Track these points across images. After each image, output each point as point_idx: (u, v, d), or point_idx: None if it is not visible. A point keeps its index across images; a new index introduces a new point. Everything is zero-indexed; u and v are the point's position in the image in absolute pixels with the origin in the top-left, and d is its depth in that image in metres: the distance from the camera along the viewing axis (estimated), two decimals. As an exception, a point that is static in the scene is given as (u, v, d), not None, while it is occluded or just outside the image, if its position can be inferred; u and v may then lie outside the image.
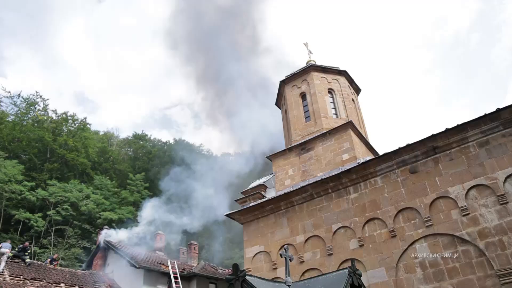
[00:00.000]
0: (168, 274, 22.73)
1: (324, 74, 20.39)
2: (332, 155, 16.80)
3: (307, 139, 18.11)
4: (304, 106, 19.95)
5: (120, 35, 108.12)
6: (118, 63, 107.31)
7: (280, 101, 22.41)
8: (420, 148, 13.17)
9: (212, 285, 24.67)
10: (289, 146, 18.77)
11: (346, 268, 6.38)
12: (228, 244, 50.04)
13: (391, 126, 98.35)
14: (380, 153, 14.99)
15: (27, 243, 23.45)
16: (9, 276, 19.07)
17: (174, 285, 22.13)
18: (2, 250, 19.97)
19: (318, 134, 17.67)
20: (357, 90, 21.55)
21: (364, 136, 18.06)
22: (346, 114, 18.94)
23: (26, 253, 21.97)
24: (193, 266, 26.65)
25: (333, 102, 19.59)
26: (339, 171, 15.06)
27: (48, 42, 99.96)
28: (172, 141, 68.02)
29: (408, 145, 13.29)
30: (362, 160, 15.05)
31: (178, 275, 22.65)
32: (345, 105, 19.37)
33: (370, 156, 16.37)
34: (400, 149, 13.49)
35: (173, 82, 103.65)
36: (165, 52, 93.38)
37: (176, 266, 23.40)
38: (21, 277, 19.45)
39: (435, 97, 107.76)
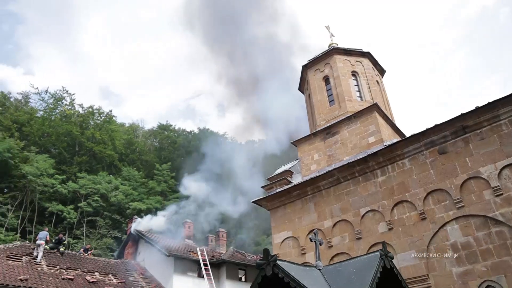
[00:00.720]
0: (197, 261, 23.03)
1: (347, 56, 20.03)
2: (357, 138, 16.57)
3: (331, 123, 17.90)
4: (327, 90, 19.69)
5: (140, 28, 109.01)
6: (140, 56, 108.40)
7: (303, 86, 22.20)
8: (449, 128, 12.83)
9: (241, 271, 24.91)
10: (314, 131, 18.61)
11: (377, 251, 6.29)
12: (256, 230, 50.31)
13: (417, 108, 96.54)
14: (407, 135, 14.70)
15: (61, 235, 24.33)
16: (46, 265, 19.69)
17: (204, 272, 22.42)
18: (38, 242, 20.66)
19: (343, 117, 17.44)
20: (381, 71, 21.12)
21: (390, 118, 17.75)
22: (370, 96, 18.61)
23: (62, 244, 22.75)
24: (222, 253, 26.92)
25: (357, 85, 19.27)
26: (366, 155, 14.86)
27: (72, 39, 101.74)
28: (196, 131, 68.52)
29: (437, 126, 12.97)
30: (388, 143, 14.79)
31: (208, 262, 22.92)
32: (369, 87, 19.02)
33: (396, 138, 16.07)
34: (428, 130, 13.18)
35: (195, 72, 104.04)
36: (186, 42, 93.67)
37: (205, 253, 23.68)
38: (57, 266, 20.05)
39: (462, 76, 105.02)
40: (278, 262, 5.76)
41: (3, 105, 53.44)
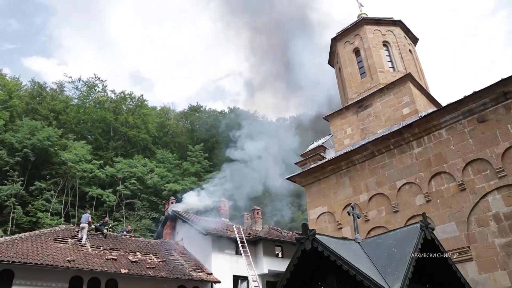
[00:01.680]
0: (234, 239, 23.37)
1: (377, 26, 19.47)
2: (391, 110, 16.22)
3: (364, 96, 17.57)
4: (358, 62, 19.25)
5: (167, 11, 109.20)
6: (168, 40, 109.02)
7: (332, 60, 21.80)
8: (489, 95, 12.35)
9: (278, 248, 25.15)
10: (346, 105, 18.34)
11: (417, 222, 6.19)
12: (290, 207, 50.54)
13: (454, 76, 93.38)
14: (443, 104, 14.26)
15: (106, 219, 25.52)
16: (91, 247, 20.45)
17: (241, 249, 22.75)
18: (82, 225, 21.47)
19: (375, 90, 17.07)
20: (414, 40, 20.45)
21: (425, 88, 17.24)
22: (403, 66, 18.09)
23: (106, 227, 23.71)
24: (257, 230, 27.21)
25: (389, 55, 18.74)
26: (400, 126, 14.56)
27: (100, 27, 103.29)
28: (227, 110, 68.75)
29: (475, 93, 12.51)
30: (424, 113, 14.41)
31: (244, 240, 23.23)
32: (402, 57, 18.47)
33: (432, 109, 15.61)
34: (465, 97, 12.74)
35: (223, 53, 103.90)
36: (213, 24, 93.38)
37: (241, 231, 23.99)
38: (101, 247, 20.79)
39: (503, 40, 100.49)
40: (317, 236, 5.76)
41: (40, 95, 55.08)
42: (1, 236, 25.04)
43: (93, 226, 23.15)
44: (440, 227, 12.39)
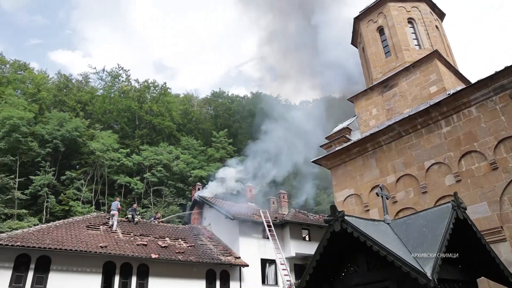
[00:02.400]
0: (261, 223, 23.53)
1: (401, 3, 18.93)
2: (418, 89, 15.85)
3: (389, 75, 17.22)
4: (382, 41, 18.82)
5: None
6: (189, 27, 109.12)
7: (355, 39, 21.40)
8: (521, 70, 11.92)
9: (304, 231, 25.21)
10: (371, 85, 18.02)
11: (448, 202, 6.07)
12: (316, 190, 50.48)
13: (483, 51, 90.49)
14: (473, 81, 13.85)
15: (135, 205, 26.15)
16: (121, 233, 20.95)
17: (268, 233, 22.91)
18: (112, 212, 22.01)
19: (401, 68, 16.69)
20: (441, 15, 19.83)
21: (453, 65, 16.75)
22: (430, 43, 17.60)
23: (137, 213, 24.38)
24: (284, 214, 27.31)
25: (414, 33, 18.24)
26: (428, 105, 14.23)
27: (122, 17, 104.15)
28: (249, 95, 68.68)
29: (507, 68, 12.06)
30: (452, 91, 14.02)
31: (271, 224, 23.36)
32: (428, 34, 17.96)
33: (461, 86, 15.19)
34: (497, 73, 12.32)
35: (245, 38, 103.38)
36: (234, 8, 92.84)
37: (268, 215, 24.12)
38: (131, 233, 21.28)
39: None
40: (346, 217, 5.72)
41: (66, 87, 56.23)
42: (37, 224, 25.91)
43: (129, 215, 23.84)
44: (471, 207, 12.13)
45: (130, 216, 23.86)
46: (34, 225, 27.98)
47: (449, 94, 13.84)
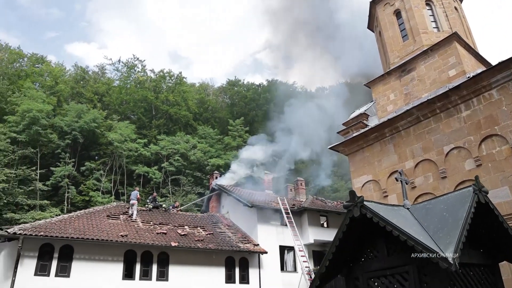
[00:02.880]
0: (279, 211, 23.61)
1: (419, -15, 18.57)
2: (436, 73, 15.60)
3: (406, 59, 16.96)
4: (399, 25, 18.50)
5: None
6: (204, 16, 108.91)
7: (372, 23, 21.09)
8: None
9: (322, 218, 25.22)
10: (388, 70, 17.80)
11: (469, 186, 6.00)
12: (333, 177, 50.33)
13: (505, 33, 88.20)
14: (494, 63, 13.55)
15: (155, 194, 26.60)
16: (141, 222, 21.26)
17: (286, 220, 22.98)
18: (132, 201, 22.35)
19: (419, 52, 16.42)
20: (460, -4, 19.41)
21: (473, 47, 16.42)
22: (448, 25, 17.25)
23: (157, 202, 24.81)
24: (302, 201, 27.32)
25: (433, 15, 17.87)
26: (447, 89, 14.01)
27: (137, 8, 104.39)
28: (265, 83, 68.46)
29: (527, 49, 11.80)
30: (472, 74, 13.76)
31: (289, 211, 23.42)
32: (446, 16, 17.59)
33: (481, 69, 14.89)
34: (517, 54, 12.04)
35: (259, 26, 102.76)
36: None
37: (286, 202, 24.18)
38: (151, 222, 21.58)
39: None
40: (365, 203, 5.70)
41: (83, 79, 56.87)
42: (59, 215, 26.46)
43: (149, 205, 24.33)
44: (492, 192, 11.94)
45: (151, 205, 24.25)
46: (56, 215, 28.59)
47: (469, 77, 13.60)
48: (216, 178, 30.26)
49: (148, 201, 25.51)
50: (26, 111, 39.43)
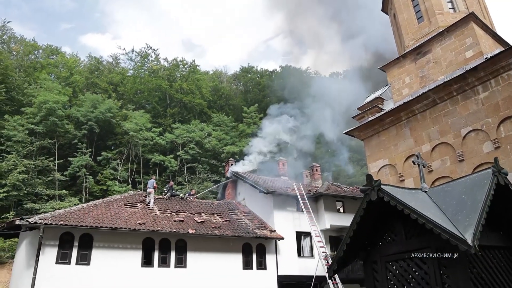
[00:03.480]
0: (295, 197, 23.62)
1: (434, -35, 18.17)
2: (453, 54, 15.33)
3: (422, 42, 16.69)
4: (414, 6, 18.16)
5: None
6: (217, 4, 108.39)
7: (386, 6, 20.75)
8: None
9: (339, 203, 25.18)
10: (403, 53, 17.54)
11: (488, 168, 5.93)
12: (348, 162, 50.18)
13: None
14: (512, 43, 13.28)
15: (172, 183, 26.84)
16: (158, 210, 21.50)
17: (302, 206, 22.99)
18: (148, 190, 22.59)
19: (435, 34, 16.14)
20: (476, -24, 18.95)
21: (490, 27, 16.07)
22: (465, 5, 16.88)
23: (174, 190, 25.08)
24: (317, 187, 27.28)
25: (448, -5, 17.53)
26: (464, 71, 13.80)
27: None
28: (278, 69, 68.11)
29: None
30: (490, 55, 13.50)
31: (305, 196, 23.42)
32: (463, -4, 17.23)
33: (499, 49, 14.57)
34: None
35: (272, 12, 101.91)
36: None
37: (302, 188, 24.16)
38: (168, 210, 21.81)
39: None
40: (382, 186, 5.69)
41: (97, 69, 57.32)
42: (78, 204, 26.91)
43: (167, 194, 24.63)
44: None
45: (169, 194, 24.51)
46: (75, 205, 29.06)
47: (486, 58, 13.35)
48: (232, 165, 30.35)
49: (165, 189, 25.78)
50: (43, 102, 39.96)
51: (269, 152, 32.21)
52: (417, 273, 5.80)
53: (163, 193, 25.22)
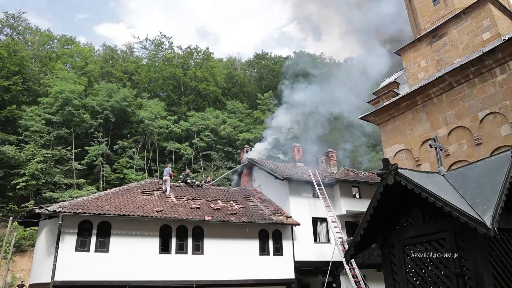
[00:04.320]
0: (311, 183, 23.64)
1: None
2: (469, 37, 15.07)
3: (437, 24, 16.43)
4: (430, -12, 17.86)
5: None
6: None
7: (401, -11, 20.43)
8: None
9: (354, 189, 25.13)
10: (418, 36, 17.30)
11: (507, 150, 5.88)
12: (364, 148, 49.92)
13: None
14: (531, 23, 13.00)
15: (188, 171, 27.14)
16: (175, 198, 21.74)
17: (318, 192, 23.02)
18: (164, 177, 22.84)
19: (451, 16, 15.87)
20: (494, -45, 18.49)
21: (508, 8, 15.74)
22: (482, -14, 16.53)
23: (190, 178, 25.31)
24: (333, 172, 27.24)
25: (465, -24, 17.16)
26: (481, 53, 13.57)
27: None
28: (292, 55, 67.66)
29: None
30: (508, 36, 13.24)
31: (321, 182, 23.42)
32: (480, -24, 16.85)
33: (517, 30, 14.30)
34: (557, 13, 11.51)
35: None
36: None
37: (317, 174, 24.15)
38: (184, 197, 22.03)
39: None
40: (399, 170, 5.68)
41: (112, 58, 57.64)
42: (95, 193, 27.33)
43: (183, 181, 24.96)
44: (530, 156, 11.66)
45: (184, 181, 24.79)
46: (93, 193, 29.53)
47: (504, 39, 13.10)
48: (247, 152, 30.43)
49: (181, 177, 26.02)
50: (59, 92, 40.43)
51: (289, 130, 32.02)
52: (435, 257, 5.81)
53: (179, 181, 25.48)
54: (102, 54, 59.15)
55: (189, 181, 25.11)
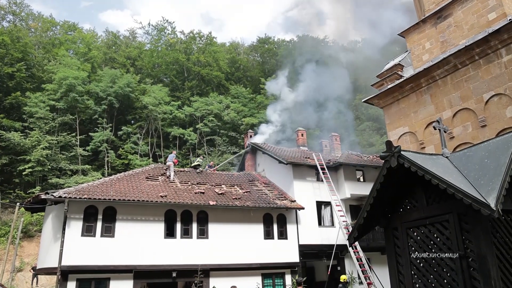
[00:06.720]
0: (315, 167, 23.64)
1: None
2: (475, 17, 14.81)
3: (442, 5, 16.13)
4: (435, -32, 17.53)
5: None
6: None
7: (406, -31, 20.08)
8: None
9: (358, 172, 25.12)
10: (423, 18, 17.02)
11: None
12: (368, 131, 49.75)
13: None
14: (538, 2, 12.75)
15: (202, 157, 27.22)
16: (179, 183, 21.82)
17: (322, 175, 23.03)
18: (168, 163, 22.92)
19: (456, -4, 15.59)
20: None
21: (515, -13, 15.43)
22: (488, -35, 16.21)
23: (200, 166, 25.78)
24: (337, 156, 27.20)
25: (470, -45, 16.81)
26: (486, 34, 13.33)
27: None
28: (296, 39, 67.08)
29: None
30: (514, 16, 13.01)
31: (325, 166, 23.41)
32: (486, -45, 16.52)
33: (524, 9, 14.03)
34: None
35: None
36: None
37: (321, 158, 24.13)
38: (189, 182, 22.12)
39: None
40: (402, 152, 5.64)
41: (115, 44, 57.41)
42: (100, 178, 27.48)
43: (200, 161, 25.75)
44: (536, 138, 11.55)
45: (198, 164, 25.25)
46: (98, 179, 29.70)
47: (510, 19, 12.87)
48: (251, 137, 30.43)
49: (196, 159, 26.29)
50: (63, 78, 40.43)
51: (285, 123, 32.06)
52: (438, 239, 5.80)
53: (192, 166, 26.03)
54: (105, 40, 58.91)
55: (196, 165, 25.36)
